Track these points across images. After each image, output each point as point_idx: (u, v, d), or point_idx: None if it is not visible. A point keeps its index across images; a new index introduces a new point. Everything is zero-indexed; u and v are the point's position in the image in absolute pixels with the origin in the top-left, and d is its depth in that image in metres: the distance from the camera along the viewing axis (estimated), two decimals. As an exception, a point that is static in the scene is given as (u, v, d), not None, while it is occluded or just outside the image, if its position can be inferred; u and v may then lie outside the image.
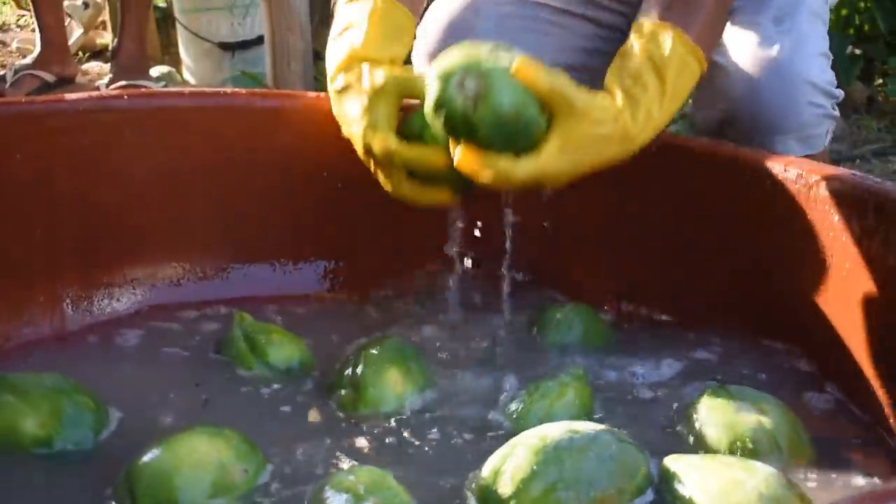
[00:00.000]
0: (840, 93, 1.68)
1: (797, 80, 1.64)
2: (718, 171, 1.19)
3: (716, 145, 1.23)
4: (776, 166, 1.12)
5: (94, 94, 1.26)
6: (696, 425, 0.98)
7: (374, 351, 1.07)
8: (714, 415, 0.98)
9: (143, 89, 3.21)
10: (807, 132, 1.62)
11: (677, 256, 1.23)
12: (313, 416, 1.04)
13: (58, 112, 1.19)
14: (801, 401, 1.06)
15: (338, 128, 1.14)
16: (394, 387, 1.05)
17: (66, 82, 3.53)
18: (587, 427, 0.90)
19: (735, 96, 1.60)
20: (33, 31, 5.35)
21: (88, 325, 1.21)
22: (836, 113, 1.69)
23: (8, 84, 3.42)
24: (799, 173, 1.10)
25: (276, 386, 1.09)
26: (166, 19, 4.55)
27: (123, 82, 3.25)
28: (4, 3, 5.83)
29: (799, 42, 1.64)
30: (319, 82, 3.56)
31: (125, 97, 1.26)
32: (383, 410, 1.03)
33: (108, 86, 3.28)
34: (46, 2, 3.43)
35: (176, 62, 4.23)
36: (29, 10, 5.48)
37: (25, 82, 3.44)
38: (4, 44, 5.07)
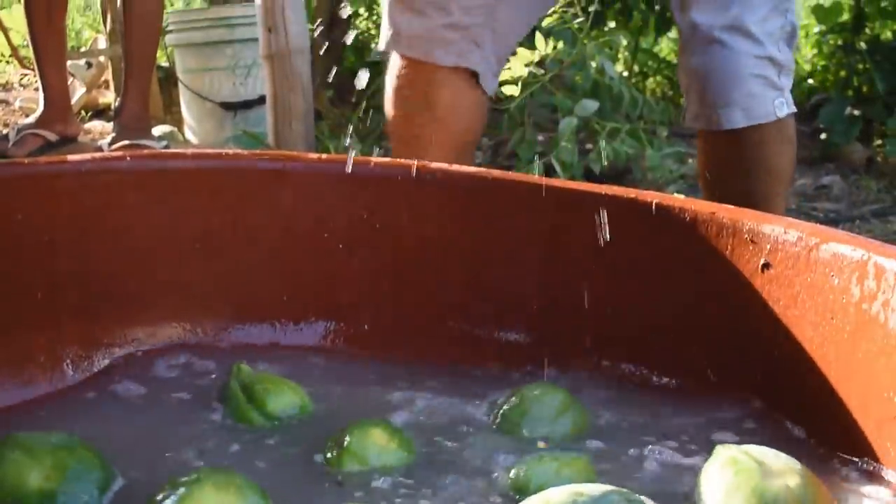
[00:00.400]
0: (789, 61, 1.73)
1: (739, 53, 1.69)
2: (716, 234, 1.19)
3: (714, 208, 1.23)
4: (776, 229, 1.12)
5: (97, 155, 1.26)
6: (713, 490, 0.94)
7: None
8: (735, 479, 0.92)
9: (145, 150, 3.23)
10: (750, 103, 1.67)
11: (675, 320, 1.23)
12: (313, 464, 1.03)
13: (60, 173, 1.19)
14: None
15: (340, 190, 1.15)
16: (379, 443, 1.03)
17: (69, 141, 3.55)
18: (594, 488, 0.88)
19: (688, 72, 1.68)
20: (36, 90, 5.39)
21: (89, 384, 1.21)
22: (784, 82, 1.73)
23: (11, 143, 3.43)
24: (799, 236, 1.10)
25: (276, 435, 1.08)
26: (168, 79, 4.59)
27: (126, 142, 3.27)
28: (8, 62, 5.87)
29: (745, 12, 1.70)
30: (320, 142, 3.58)
31: (127, 158, 1.26)
32: (370, 466, 1.01)
33: (110, 145, 3.29)
34: (50, 62, 3.45)
35: (178, 121, 4.27)
36: (32, 69, 5.52)
37: (28, 141, 3.45)
38: (7, 103, 5.10)
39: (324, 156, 1.29)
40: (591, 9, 3.40)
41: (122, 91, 3.44)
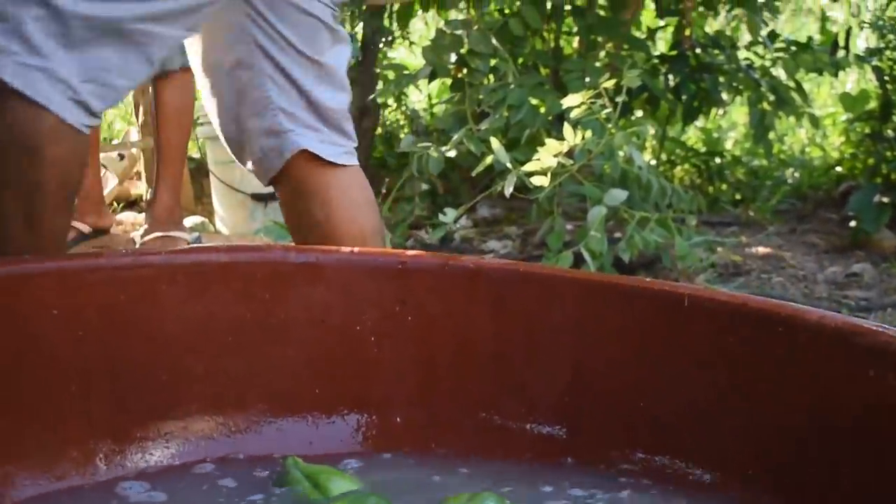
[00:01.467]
0: None
1: None
2: (747, 325, 1.18)
3: (744, 299, 1.23)
4: (808, 319, 1.12)
5: (131, 249, 1.28)
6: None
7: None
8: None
9: (178, 242, 3.25)
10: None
11: (710, 412, 1.22)
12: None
13: (95, 268, 1.20)
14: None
15: (372, 282, 1.15)
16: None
17: (102, 233, 3.58)
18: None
19: None
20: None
21: (121, 478, 1.21)
22: None
23: None
24: (832, 326, 1.10)
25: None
26: (199, 170, 4.63)
27: (158, 233, 3.29)
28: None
29: None
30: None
31: (161, 253, 1.28)
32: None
33: (142, 237, 3.31)
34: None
35: (209, 212, 4.29)
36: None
37: None
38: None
39: (356, 249, 1.29)
40: (619, 99, 3.42)
41: (154, 183, 3.47)
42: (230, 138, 2.12)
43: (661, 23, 5.20)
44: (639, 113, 4.91)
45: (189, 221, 3.82)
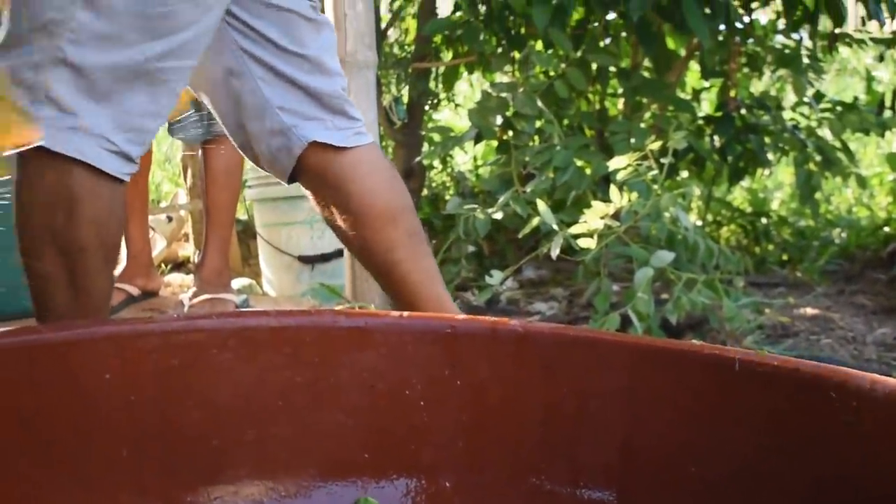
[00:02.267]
0: None
1: None
2: (798, 390, 1.18)
3: (796, 363, 1.23)
4: (861, 384, 1.12)
5: (183, 314, 1.29)
6: None
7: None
8: None
9: (227, 307, 3.26)
10: None
11: (760, 476, 1.21)
12: None
13: (147, 333, 1.21)
14: None
15: (421, 347, 1.16)
16: None
17: (151, 295, 3.60)
18: None
19: None
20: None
21: (171, 544, 1.22)
22: None
23: None
24: (886, 391, 1.09)
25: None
26: (247, 232, 4.66)
27: (206, 296, 3.31)
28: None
29: None
30: (397, 294, 3.60)
31: (212, 318, 1.29)
32: None
33: (191, 299, 3.33)
34: (133, 218, 3.52)
35: (256, 274, 4.31)
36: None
37: (112, 296, 3.50)
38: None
39: (405, 314, 1.30)
40: (665, 160, 3.42)
41: (202, 245, 3.49)
42: (243, 147, 2.16)
43: (706, 84, 5.20)
44: (684, 173, 4.91)
45: (237, 283, 3.84)
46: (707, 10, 3.93)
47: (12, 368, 1.13)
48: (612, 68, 4.47)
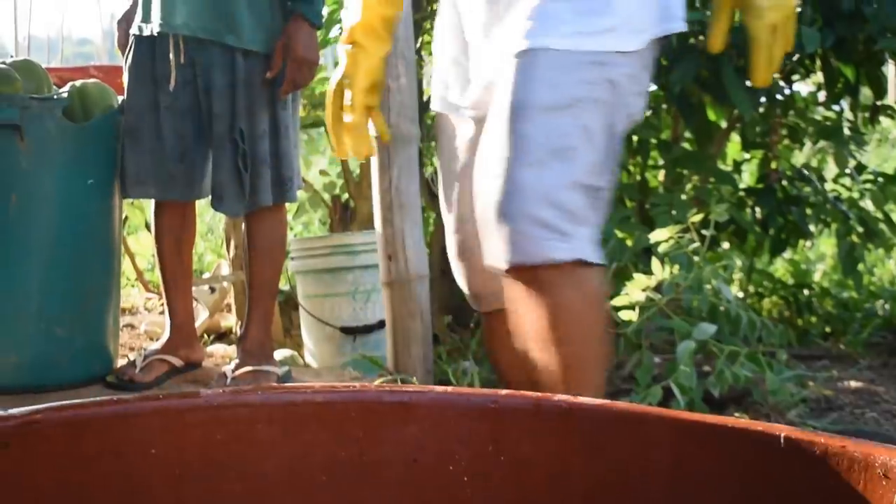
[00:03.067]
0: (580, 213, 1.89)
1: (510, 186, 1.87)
2: (846, 469, 1.17)
3: (844, 442, 1.22)
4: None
5: (229, 389, 1.29)
6: None
7: None
8: None
9: (270, 379, 3.27)
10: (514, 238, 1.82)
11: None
12: None
13: (194, 408, 1.22)
14: None
15: (464, 422, 1.16)
16: None
17: (194, 366, 3.61)
18: None
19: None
20: (160, 314, 5.52)
21: None
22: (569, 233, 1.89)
23: (138, 369, 3.50)
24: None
25: None
26: (288, 303, 4.68)
27: (249, 367, 3.32)
28: (133, 286, 6.02)
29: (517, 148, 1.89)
30: (438, 366, 3.60)
31: (259, 392, 1.29)
32: None
33: (234, 371, 3.34)
34: (177, 289, 3.54)
35: (298, 345, 4.33)
36: (157, 293, 5.67)
37: (155, 367, 3.52)
38: (133, 326, 5.22)
39: (449, 388, 1.30)
40: (707, 233, 3.42)
41: (246, 318, 3.51)
42: None
43: (747, 155, 5.21)
44: (725, 244, 4.90)
45: (279, 354, 3.85)
46: (748, 83, 3.95)
47: (59, 442, 1.14)
48: (653, 140, 4.49)
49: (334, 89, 2.27)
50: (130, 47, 3.40)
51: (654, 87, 4.47)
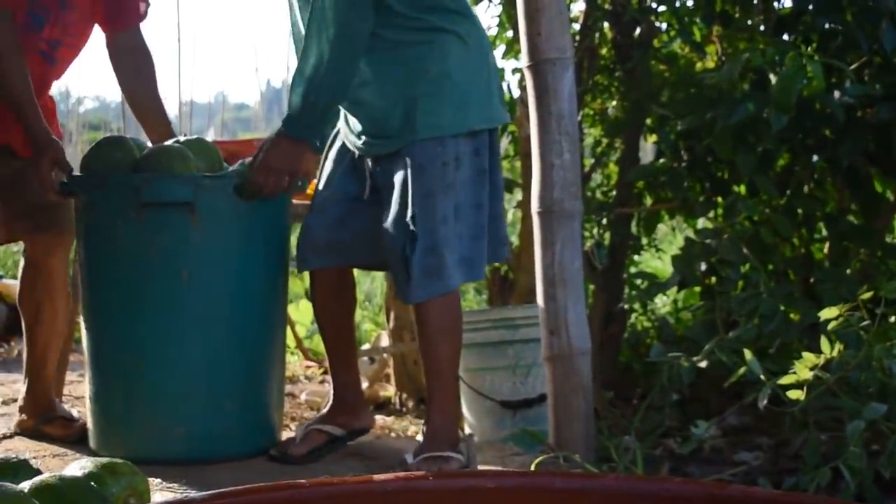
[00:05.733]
0: None
1: None
2: None
3: None
4: None
5: (401, 474, 1.30)
6: None
7: None
8: None
9: (451, 465, 3.23)
10: None
11: None
12: None
13: (367, 492, 1.23)
14: None
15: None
16: None
17: (360, 433, 3.60)
18: None
19: None
20: (321, 383, 5.57)
21: None
22: None
23: (297, 440, 3.53)
24: None
25: None
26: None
27: (430, 453, 3.28)
28: (292, 353, 6.09)
29: None
30: (599, 441, 3.57)
31: (430, 478, 1.30)
32: None
33: (414, 457, 3.31)
34: (339, 359, 3.57)
35: (457, 418, 4.32)
36: (317, 362, 5.73)
37: (312, 438, 3.55)
38: (294, 396, 5.28)
39: (620, 475, 1.29)
40: (878, 311, 3.34)
41: (427, 402, 3.42)
42: None
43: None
44: (893, 319, 4.78)
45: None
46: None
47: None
48: (818, 213, 4.42)
49: None
50: None
51: (819, 160, 4.41)
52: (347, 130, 3.43)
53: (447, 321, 3.33)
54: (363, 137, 3.37)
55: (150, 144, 3.67)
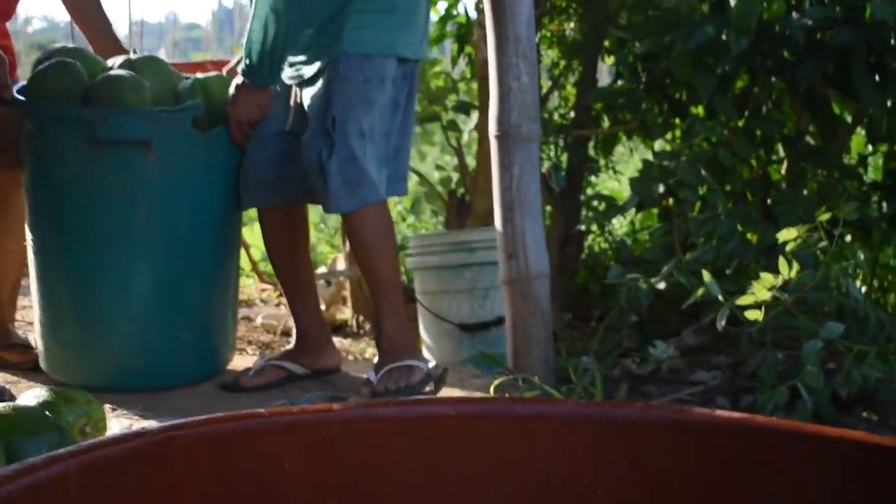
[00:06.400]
0: None
1: None
2: None
3: None
4: None
5: (361, 402, 1.29)
6: None
7: None
8: None
9: (415, 374, 3.21)
10: None
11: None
12: None
13: (326, 422, 1.21)
14: None
15: (600, 437, 1.13)
16: None
17: (325, 373, 3.58)
18: None
19: None
20: (277, 305, 5.55)
21: None
22: None
23: (252, 373, 3.51)
24: None
25: None
26: (407, 303, 4.67)
27: (391, 365, 3.25)
28: (248, 277, 6.05)
29: None
30: (559, 364, 3.57)
31: (391, 405, 1.28)
32: None
33: (376, 373, 3.29)
34: (297, 295, 3.53)
35: (415, 340, 4.31)
36: (272, 284, 5.69)
37: (267, 373, 3.52)
38: (250, 319, 5.25)
39: (581, 401, 1.28)
40: (836, 231, 3.35)
41: (376, 314, 3.42)
42: None
43: (871, 149, 5.10)
44: (848, 238, 4.80)
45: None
46: (877, 78, 3.86)
47: (197, 459, 1.14)
48: (776, 134, 4.41)
49: None
50: None
51: (778, 81, 4.40)
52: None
53: (377, 231, 3.32)
54: (295, 63, 3.34)
55: (99, 58, 3.56)
